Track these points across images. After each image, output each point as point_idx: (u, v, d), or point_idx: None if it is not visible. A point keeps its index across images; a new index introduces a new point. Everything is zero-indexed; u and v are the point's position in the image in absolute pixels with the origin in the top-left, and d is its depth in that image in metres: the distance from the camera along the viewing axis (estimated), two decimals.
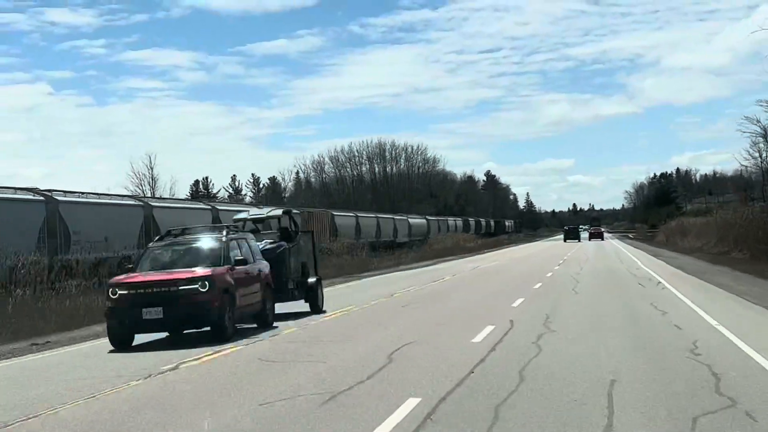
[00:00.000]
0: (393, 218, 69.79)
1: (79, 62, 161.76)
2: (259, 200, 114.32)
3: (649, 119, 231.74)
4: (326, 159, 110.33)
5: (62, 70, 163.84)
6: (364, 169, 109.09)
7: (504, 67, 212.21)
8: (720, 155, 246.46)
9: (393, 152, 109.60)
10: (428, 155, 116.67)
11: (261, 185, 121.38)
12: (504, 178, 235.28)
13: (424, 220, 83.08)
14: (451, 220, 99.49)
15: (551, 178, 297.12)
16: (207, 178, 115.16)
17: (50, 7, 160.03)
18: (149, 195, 61.36)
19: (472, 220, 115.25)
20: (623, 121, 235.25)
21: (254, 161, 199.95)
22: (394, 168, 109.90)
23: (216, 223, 30.49)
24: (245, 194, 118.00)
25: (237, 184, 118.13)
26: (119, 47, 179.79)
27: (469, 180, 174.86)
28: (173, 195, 62.93)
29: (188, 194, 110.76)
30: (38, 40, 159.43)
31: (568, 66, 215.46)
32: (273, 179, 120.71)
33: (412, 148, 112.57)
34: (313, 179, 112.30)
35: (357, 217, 58.65)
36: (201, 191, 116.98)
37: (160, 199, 36.54)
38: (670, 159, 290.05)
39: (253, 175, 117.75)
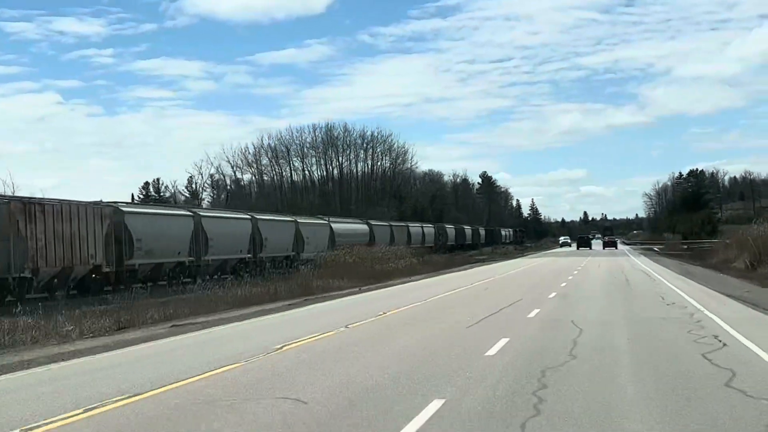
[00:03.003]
0: (295, 222, 45.41)
1: (88, 72, 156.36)
2: (220, 203, 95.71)
3: (662, 129, 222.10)
4: (261, 150, 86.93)
5: (71, 80, 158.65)
6: (310, 162, 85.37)
7: (515, 76, 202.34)
8: (733, 165, 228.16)
9: (346, 140, 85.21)
10: (393, 144, 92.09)
11: (225, 186, 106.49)
12: (515, 189, 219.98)
13: (365, 226, 58.85)
14: (415, 227, 75.11)
15: (563, 188, 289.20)
16: (158, 179, 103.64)
17: (58, 17, 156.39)
18: None
19: (450, 228, 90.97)
20: (635, 131, 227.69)
21: None
22: (349, 161, 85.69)
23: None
24: (203, 198, 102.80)
25: (194, 186, 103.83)
26: (128, 57, 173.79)
27: (464, 183, 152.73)
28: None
29: (139, 197, 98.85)
30: (46, 50, 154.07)
31: (580, 75, 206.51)
32: (237, 181, 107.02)
33: (372, 136, 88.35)
34: (232, 177, 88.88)
35: (198, 217, 34.49)
36: (152, 194, 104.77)
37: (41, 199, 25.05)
38: (684, 169, 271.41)
39: (212, 176, 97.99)
